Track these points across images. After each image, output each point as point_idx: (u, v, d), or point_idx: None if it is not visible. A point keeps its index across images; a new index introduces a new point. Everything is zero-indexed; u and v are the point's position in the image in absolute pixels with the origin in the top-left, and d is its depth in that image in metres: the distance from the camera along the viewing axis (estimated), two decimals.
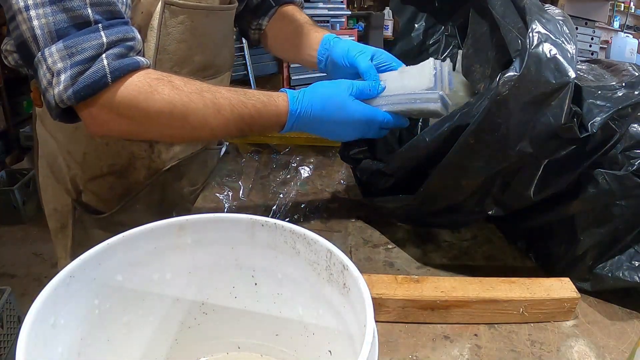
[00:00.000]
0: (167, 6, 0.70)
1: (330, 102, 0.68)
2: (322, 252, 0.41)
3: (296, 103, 0.67)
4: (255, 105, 0.65)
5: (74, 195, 0.84)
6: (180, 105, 0.60)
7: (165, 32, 0.72)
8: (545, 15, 0.56)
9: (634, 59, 4.06)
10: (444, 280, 0.60)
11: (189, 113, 0.60)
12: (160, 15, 0.70)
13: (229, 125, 0.64)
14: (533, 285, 0.59)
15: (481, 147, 0.57)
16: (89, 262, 0.38)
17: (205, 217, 0.44)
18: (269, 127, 0.67)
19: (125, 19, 0.60)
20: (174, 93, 0.60)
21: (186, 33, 0.75)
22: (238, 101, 0.64)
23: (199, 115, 0.61)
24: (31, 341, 0.32)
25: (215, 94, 0.63)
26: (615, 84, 0.62)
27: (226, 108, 0.63)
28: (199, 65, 0.80)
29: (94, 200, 0.83)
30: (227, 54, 0.88)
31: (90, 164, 0.81)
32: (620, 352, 0.55)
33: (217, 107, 0.62)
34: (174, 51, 0.74)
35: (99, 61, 0.56)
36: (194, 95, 0.61)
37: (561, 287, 0.59)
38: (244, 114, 0.64)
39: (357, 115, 0.69)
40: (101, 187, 0.82)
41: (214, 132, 0.64)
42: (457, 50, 0.92)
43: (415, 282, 0.60)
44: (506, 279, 0.60)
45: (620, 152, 0.59)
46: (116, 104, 0.58)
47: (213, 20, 0.79)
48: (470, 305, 0.58)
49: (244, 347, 0.50)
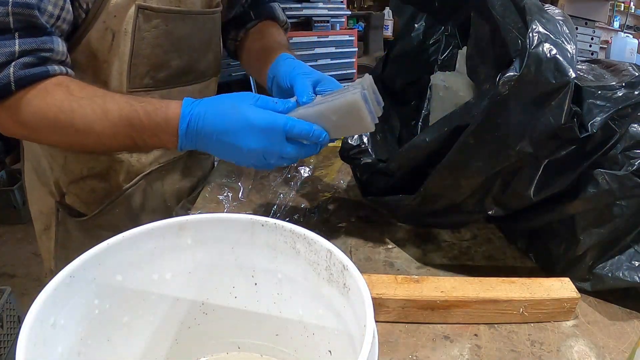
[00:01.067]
0: (140, 10, 0.69)
1: (227, 106, 0.60)
2: (322, 252, 0.41)
3: (189, 106, 0.61)
4: (145, 108, 0.61)
5: (58, 197, 0.84)
6: (68, 109, 0.60)
7: (139, 36, 0.71)
8: (545, 15, 0.56)
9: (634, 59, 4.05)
10: (444, 280, 0.60)
11: (75, 117, 0.60)
12: (134, 20, 0.69)
13: (117, 132, 0.61)
14: (533, 285, 0.59)
15: (481, 147, 0.57)
16: (89, 262, 0.38)
17: (205, 217, 0.44)
18: (160, 133, 0.61)
19: (48, 29, 0.61)
20: (64, 98, 0.60)
21: (161, 37, 0.74)
22: (127, 105, 0.61)
23: (85, 120, 0.60)
24: (31, 341, 0.32)
25: (106, 99, 0.61)
26: (615, 84, 0.62)
27: (114, 112, 0.60)
28: (177, 70, 0.79)
29: (76, 202, 0.83)
30: (212, 59, 0.86)
31: (72, 167, 0.81)
32: (620, 352, 0.55)
33: (104, 111, 0.60)
34: (149, 56, 0.74)
35: (7, 69, 0.58)
36: (84, 100, 0.60)
37: (561, 287, 0.59)
38: (132, 117, 0.60)
39: (254, 118, 0.58)
40: (83, 189, 0.82)
41: (101, 138, 0.61)
42: (457, 50, 0.92)
43: (415, 282, 0.60)
44: (506, 279, 0.60)
45: (620, 152, 0.59)
46: (14, 109, 0.60)
47: (191, 24, 0.78)
48: (470, 305, 0.58)
49: (244, 347, 0.50)
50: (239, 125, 0.59)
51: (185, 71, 0.80)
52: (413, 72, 0.94)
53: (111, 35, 0.69)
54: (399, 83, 0.93)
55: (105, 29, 0.68)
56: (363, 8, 4.44)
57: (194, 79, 0.83)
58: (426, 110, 0.96)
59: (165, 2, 0.73)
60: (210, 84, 0.88)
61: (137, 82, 0.74)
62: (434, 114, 0.92)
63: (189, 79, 0.82)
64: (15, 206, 2.43)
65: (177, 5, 0.74)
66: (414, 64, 0.93)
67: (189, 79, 0.82)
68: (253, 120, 0.58)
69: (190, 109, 0.61)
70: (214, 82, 0.90)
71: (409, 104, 0.96)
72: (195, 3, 0.77)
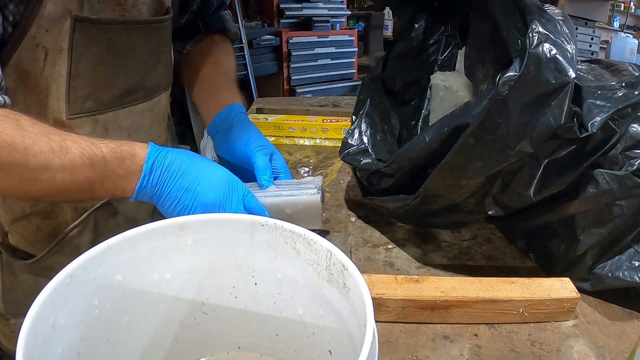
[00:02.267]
0: (77, 23, 0.60)
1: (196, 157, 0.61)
2: (322, 252, 0.41)
3: (158, 149, 0.59)
4: (108, 145, 0.56)
5: (0, 237, 0.76)
6: (22, 146, 0.51)
7: (77, 53, 0.62)
8: (545, 15, 0.56)
9: (634, 59, 4.06)
10: (444, 280, 0.60)
11: (29, 154, 0.51)
12: (70, 34, 0.60)
13: (76, 171, 0.54)
14: (533, 285, 0.59)
15: (481, 147, 0.57)
16: (89, 262, 0.38)
17: (205, 217, 0.44)
18: (122, 169, 0.57)
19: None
20: (17, 133, 0.51)
21: (103, 53, 0.65)
22: (88, 143, 0.55)
23: (40, 158, 0.52)
24: (31, 341, 0.32)
25: (64, 137, 0.54)
26: (615, 84, 0.62)
27: (74, 150, 0.53)
28: (123, 89, 0.70)
29: (21, 242, 0.75)
30: (162, 73, 0.78)
31: (12, 204, 0.72)
32: (620, 352, 0.55)
33: (63, 149, 0.53)
34: (90, 75, 0.64)
35: None
36: (39, 136, 0.52)
37: (561, 287, 0.59)
38: (93, 155, 0.54)
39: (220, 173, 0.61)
40: (26, 228, 0.73)
41: (55, 180, 0.53)
42: (457, 50, 0.92)
43: (415, 282, 0.60)
44: (506, 279, 0.60)
45: (620, 152, 0.59)
46: None
47: (137, 36, 0.69)
48: (470, 305, 0.58)
49: (244, 347, 0.50)
50: (208, 172, 0.60)
51: (132, 89, 0.72)
52: (413, 72, 0.94)
53: (44, 53, 0.60)
54: (399, 83, 0.93)
55: (36, 45, 0.59)
56: (363, 8, 4.44)
57: (144, 97, 0.75)
58: (426, 110, 0.96)
59: (107, 12, 0.64)
60: (161, 99, 0.80)
61: (78, 107, 0.65)
62: (434, 114, 0.92)
63: (138, 97, 0.74)
64: None
65: (121, 14, 0.66)
66: (414, 64, 0.93)
67: (138, 96, 0.74)
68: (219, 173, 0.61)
69: (158, 150, 0.59)
70: (164, 97, 0.82)
71: (409, 104, 0.96)
72: (141, 11, 0.69)
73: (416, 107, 0.97)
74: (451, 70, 0.92)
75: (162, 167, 0.58)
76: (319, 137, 1.14)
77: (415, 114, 0.97)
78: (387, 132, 0.89)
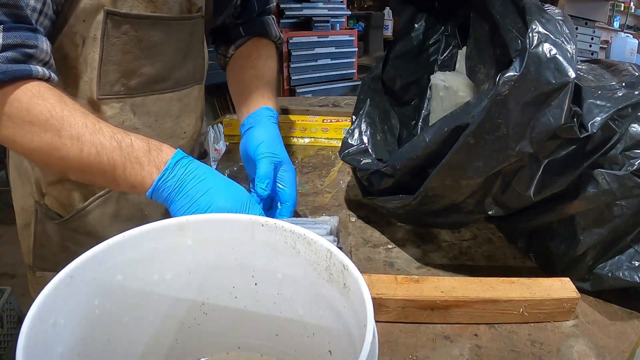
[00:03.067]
0: (109, 16, 0.67)
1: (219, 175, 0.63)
2: (322, 252, 0.41)
3: (185, 154, 0.62)
4: (139, 136, 0.61)
5: (37, 197, 0.83)
6: (59, 115, 0.57)
7: (108, 42, 0.69)
8: (545, 15, 0.56)
9: (634, 59, 4.06)
10: (444, 280, 0.60)
11: (64, 124, 0.57)
12: (102, 25, 0.67)
13: (104, 149, 0.58)
14: (533, 285, 0.59)
15: (481, 146, 0.57)
16: (89, 262, 0.38)
17: (205, 217, 0.44)
18: (147, 159, 0.60)
19: (33, 26, 0.59)
20: (57, 104, 0.58)
21: (130, 44, 0.71)
22: (121, 130, 0.60)
23: (74, 129, 0.58)
24: (31, 341, 0.32)
25: (99, 119, 0.60)
26: (615, 84, 0.62)
27: (105, 132, 0.59)
28: (149, 79, 0.76)
29: (55, 204, 0.83)
30: (191, 67, 0.83)
31: None
32: (620, 352, 0.55)
33: (96, 128, 0.59)
34: (119, 62, 0.72)
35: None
36: (77, 112, 0.59)
37: (561, 287, 0.59)
38: (122, 140, 0.59)
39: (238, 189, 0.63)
40: (60, 192, 0.81)
41: (83, 153, 0.58)
42: (457, 50, 0.92)
43: (415, 282, 0.60)
44: (506, 279, 0.60)
45: (620, 152, 0.59)
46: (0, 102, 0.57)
47: (164, 31, 0.74)
48: (470, 305, 0.58)
49: (244, 347, 0.50)
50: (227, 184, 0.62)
51: (158, 79, 0.78)
52: (413, 72, 0.94)
53: (81, 40, 0.68)
54: (399, 83, 0.93)
55: (74, 33, 0.67)
56: (363, 8, 4.44)
57: (172, 87, 0.81)
58: (426, 110, 0.96)
59: (140, 8, 0.71)
60: (192, 91, 0.85)
61: (107, 89, 0.73)
62: (434, 114, 0.92)
63: (166, 87, 0.79)
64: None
65: (153, 10, 0.72)
66: (414, 64, 0.93)
67: (166, 86, 0.79)
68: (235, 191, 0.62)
69: (184, 154, 0.62)
70: (197, 90, 0.87)
71: (409, 104, 0.96)
72: (172, 8, 0.75)
73: (416, 107, 0.97)
74: (451, 70, 0.92)
75: (185, 168, 0.60)
76: (319, 136, 1.14)
77: (415, 114, 0.97)
78: (387, 132, 0.89)
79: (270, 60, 0.93)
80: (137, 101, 0.76)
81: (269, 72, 0.91)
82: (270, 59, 0.93)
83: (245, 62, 0.91)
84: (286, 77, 3.34)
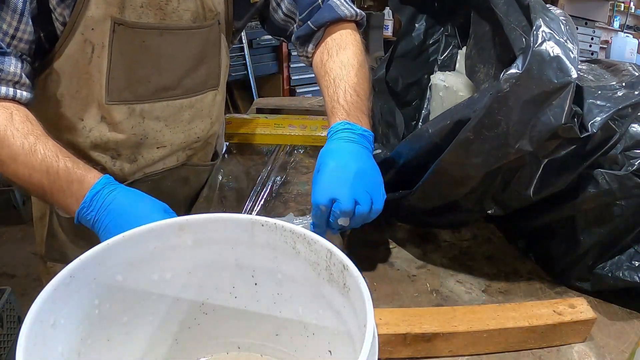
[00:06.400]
0: (116, 25, 0.68)
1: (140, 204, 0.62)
2: (322, 252, 0.41)
3: (107, 184, 0.62)
4: (67, 163, 0.62)
5: None
6: (2, 134, 0.60)
7: (115, 51, 0.70)
8: (549, 14, 0.56)
9: (634, 59, 4.05)
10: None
11: (3, 143, 0.61)
12: (110, 34, 0.68)
13: (34, 172, 0.61)
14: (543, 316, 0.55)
15: (480, 142, 0.57)
16: (89, 262, 0.38)
17: (205, 217, 0.44)
18: (69, 191, 0.61)
19: (2, 49, 0.62)
20: (2, 123, 0.61)
21: (137, 53, 0.72)
22: (52, 153, 0.62)
23: (9, 150, 0.61)
24: (31, 341, 0.32)
25: (38, 140, 0.62)
26: (615, 84, 0.62)
27: (38, 155, 0.61)
28: (158, 87, 0.76)
29: None
30: (204, 74, 0.81)
31: None
32: (620, 352, 0.55)
33: (31, 151, 0.61)
34: (126, 71, 0.72)
35: None
36: (18, 133, 0.61)
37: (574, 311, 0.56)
38: (50, 166, 0.61)
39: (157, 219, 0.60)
40: None
41: (17, 174, 0.62)
42: (457, 50, 0.92)
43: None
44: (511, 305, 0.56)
45: (620, 152, 0.59)
46: None
47: (172, 40, 0.74)
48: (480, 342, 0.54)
49: (244, 347, 0.50)
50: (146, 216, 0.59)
51: (167, 87, 0.77)
52: (414, 72, 0.94)
53: (91, 47, 0.69)
54: (401, 84, 0.93)
55: (84, 41, 0.68)
56: (363, 8, 4.43)
57: (182, 94, 0.80)
58: (426, 110, 0.96)
59: (149, 17, 0.71)
60: (205, 97, 0.83)
61: (115, 95, 0.73)
62: (434, 114, 0.92)
63: (175, 94, 0.79)
64: (15, 206, 2.42)
65: (162, 18, 0.72)
66: (414, 64, 0.93)
67: (175, 93, 0.79)
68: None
69: (106, 183, 0.62)
70: (211, 95, 0.84)
71: (411, 104, 0.96)
72: (182, 17, 0.74)
73: (417, 108, 0.96)
74: (451, 70, 0.92)
75: (102, 202, 0.60)
76: (319, 136, 1.14)
77: (416, 114, 0.96)
78: (390, 134, 0.89)
79: (343, 53, 0.80)
80: (146, 107, 0.77)
81: (342, 72, 0.77)
82: (343, 50, 0.81)
83: (319, 69, 0.82)
84: (286, 77, 3.34)
